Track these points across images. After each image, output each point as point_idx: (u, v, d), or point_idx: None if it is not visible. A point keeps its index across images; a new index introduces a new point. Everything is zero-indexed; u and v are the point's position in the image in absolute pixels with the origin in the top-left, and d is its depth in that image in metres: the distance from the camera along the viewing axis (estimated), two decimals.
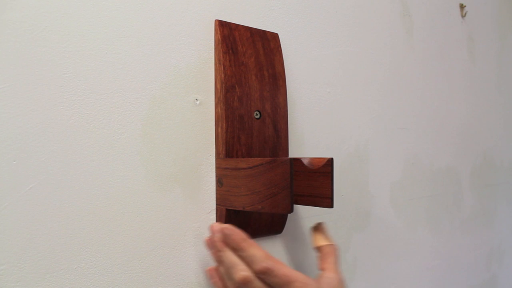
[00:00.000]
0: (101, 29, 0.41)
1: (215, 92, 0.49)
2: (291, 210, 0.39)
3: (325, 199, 0.46)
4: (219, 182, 0.48)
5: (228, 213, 0.47)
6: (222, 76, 0.47)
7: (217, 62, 0.48)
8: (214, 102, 0.49)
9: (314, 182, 0.46)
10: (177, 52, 0.46)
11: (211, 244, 0.43)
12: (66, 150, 0.39)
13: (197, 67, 0.48)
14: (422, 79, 0.79)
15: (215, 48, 0.49)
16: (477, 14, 0.94)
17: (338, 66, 0.63)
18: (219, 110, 0.48)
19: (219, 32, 0.48)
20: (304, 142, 0.58)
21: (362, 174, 0.66)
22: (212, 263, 0.46)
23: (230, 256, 0.41)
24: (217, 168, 0.48)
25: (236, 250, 0.40)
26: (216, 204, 0.48)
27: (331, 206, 0.45)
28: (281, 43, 0.53)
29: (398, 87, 0.74)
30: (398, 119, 0.73)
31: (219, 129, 0.48)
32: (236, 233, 0.41)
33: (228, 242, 0.41)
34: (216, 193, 0.48)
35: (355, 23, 0.66)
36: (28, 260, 0.37)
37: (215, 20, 0.49)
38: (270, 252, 0.54)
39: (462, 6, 0.90)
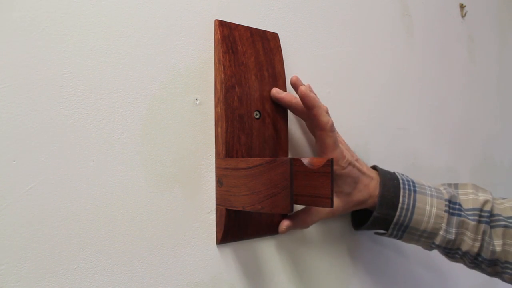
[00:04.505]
0: (101, 29, 0.41)
1: (215, 92, 0.49)
2: (291, 210, 0.39)
3: (325, 199, 0.46)
4: (219, 182, 0.48)
5: (228, 213, 0.47)
6: (222, 76, 0.47)
7: (217, 62, 0.48)
8: (214, 102, 0.49)
9: (314, 182, 0.46)
10: (177, 52, 0.46)
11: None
12: (66, 150, 0.39)
13: (197, 67, 0.48)
14: (422, 79, 0.79)
15: (215, 48, 0.49)
16: (477, 14, 0.94)
17: (338, 66, 0.63)
18: (219, 110, 0.48)
19: (219, 32, 0.48)
20: (304, 142, 0.58)
21: None
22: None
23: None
24: (217, 168, 0.48)
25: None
26: (216, 204, 0.48)
27: (331, 206, 0.45)
28: (281, 43, 0.53)
29: (398, 87, 0.74)
30: (398, 119, 0.73)
31: (219, 129, 0.48)
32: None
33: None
34: (216, 193, 0.48)
35: (355, 23, 0.66)
36: (28, 260, 0.37)
37: (215, 20, 0.49)
38: (270, 252, 0.54)
39: (462, 6, 0.90)
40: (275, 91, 0.51)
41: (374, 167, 0.60)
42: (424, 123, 0.79)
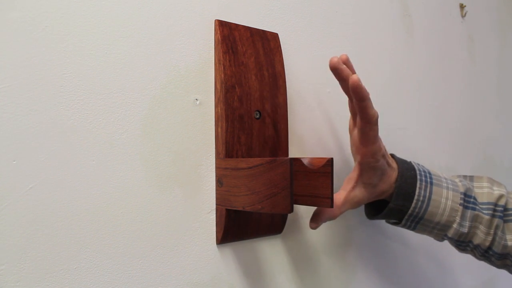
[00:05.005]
0: (101, 29, 0.41)
1: (215, 92, 0.49)
2: (291, 210, 0.39)
3: (325, 199, 0.46)
4: (219, 182, 0.48)
5: (228, 213, 0.47)
6: (222, 76, 0.47)
7: (217, 62, 0.48)
8: (214, 102, 0.49)
9: (314, 182, 0.46)
10: (177, 52, 0.46)
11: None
12: (66, 150, 0.39)
13: (197, 67, 0.48)
14: (422, 78, 0.79)
15: (215, 48, 0.49)
16: (477, 14, 0.94)
17: None
18: (219, 110, 0.48)
19: (219, 32, 0.48)
20: (304, 142, 0.58)
21: None
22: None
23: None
24: (217, 168, 0.48)
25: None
26: (216, 204, 0.48)
27: (331, 206, 0.45)
28: (281, 43, 0.53)
29: (398, 87, 0.74)
30: (398, 119, 0.73)
31: (219, 129, 0.48)
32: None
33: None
34: (216, 193, 0.48)
35: (355, 23, 0.66)
36: (28, 260, 0.37)
37: (215, 20, 0.49)
38: (270, 252, 0.54)
39: (462, 6, 0.90)
40: (336, 61, 0.48)
41: (392, 156, 0.60)
42: (424, 123, 0.79)
